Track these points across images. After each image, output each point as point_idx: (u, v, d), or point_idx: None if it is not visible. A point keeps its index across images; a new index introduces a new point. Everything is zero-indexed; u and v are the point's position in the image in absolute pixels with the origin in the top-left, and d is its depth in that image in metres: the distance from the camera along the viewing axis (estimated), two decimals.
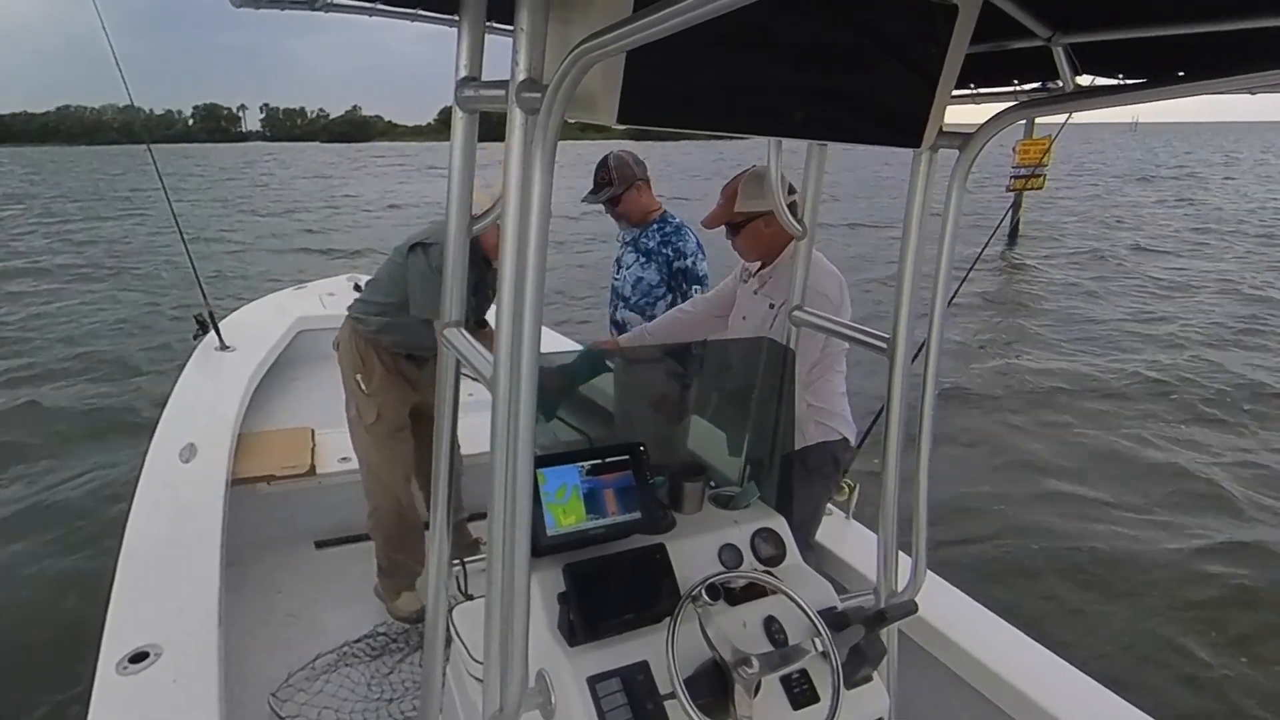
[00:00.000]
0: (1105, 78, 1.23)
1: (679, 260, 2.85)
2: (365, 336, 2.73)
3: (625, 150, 3.01)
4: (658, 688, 1.28)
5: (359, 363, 2.72)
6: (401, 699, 2.41)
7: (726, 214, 2.31)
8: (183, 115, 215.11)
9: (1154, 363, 8.22)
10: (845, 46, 1.10)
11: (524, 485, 1.00)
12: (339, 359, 2.80)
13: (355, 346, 2.73)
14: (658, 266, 2.88)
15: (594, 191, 2.99)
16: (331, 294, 5.14)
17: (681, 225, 2.94)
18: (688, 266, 2.85)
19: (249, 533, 2.97)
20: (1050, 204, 22.56)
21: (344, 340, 2.79)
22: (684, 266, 2.85)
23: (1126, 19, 1.07)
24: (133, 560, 2.19)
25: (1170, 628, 3.94)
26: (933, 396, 1.51)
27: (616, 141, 14.43)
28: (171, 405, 3.33)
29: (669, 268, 2.87)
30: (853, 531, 2.56)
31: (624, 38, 0.75)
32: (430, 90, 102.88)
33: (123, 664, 1.77)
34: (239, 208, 25.91)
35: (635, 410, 2.55)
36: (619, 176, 2.93)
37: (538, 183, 0.91)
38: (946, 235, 1.39)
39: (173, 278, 12.31)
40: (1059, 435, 6.35)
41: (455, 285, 1.31)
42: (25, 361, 8.20)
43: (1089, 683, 1.90)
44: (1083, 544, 4.70)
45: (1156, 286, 12.45)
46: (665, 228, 2.92)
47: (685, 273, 2.85)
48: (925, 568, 1.60)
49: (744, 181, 2.27)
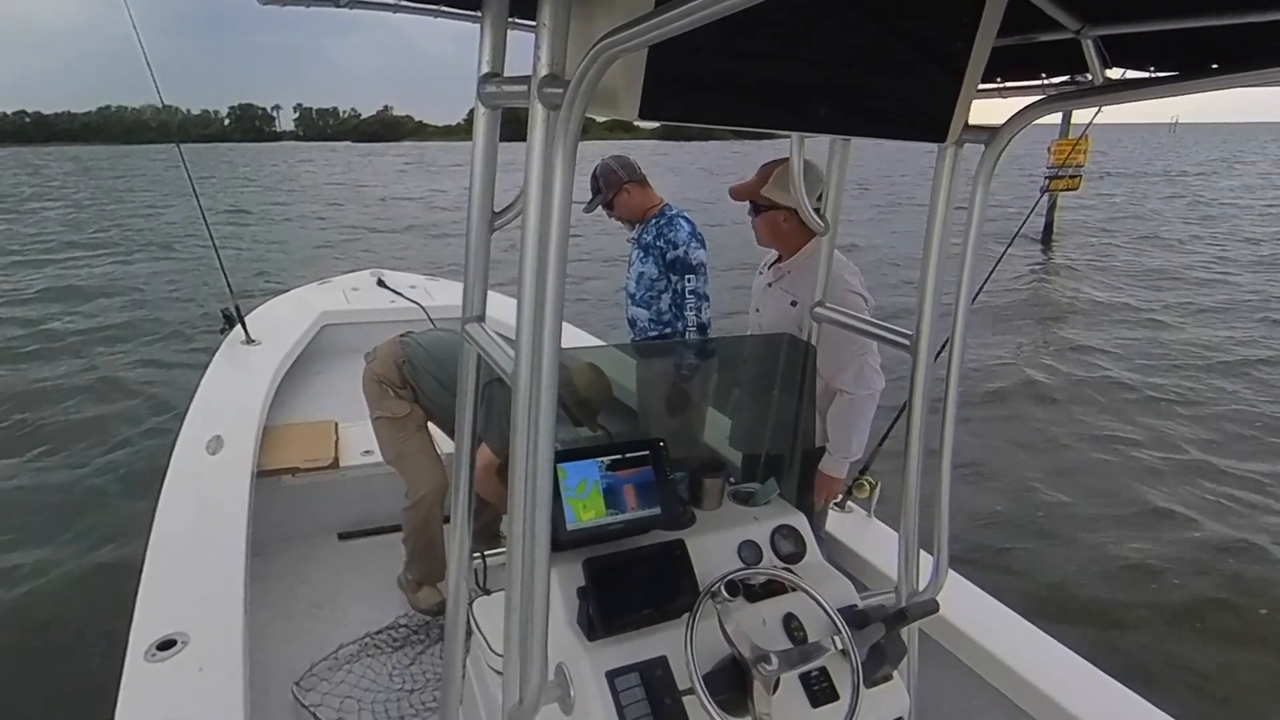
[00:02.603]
0: (1136, 70, 1.21)
1: (671, 250, 2.87)
2: (409, 379, 2.72)
3: (612, 157, 3.05)
4: (676, 683, 1.29)
5: (394, 382, 2.73)
6: (422, 690, 2.44)
7: (752, 191, 2.30)
8: (219, 115, 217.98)
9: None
10: (868, 40, 1.09)
11: (544, 479, 1.00)
12: (371, 370, 2.78)
13: (395, 371, 2.73)
14: (654, 259, 2.91)
15: (590, 201, 3.05)
16: (355, 289, 5.20)
17: (675, 216, 2.95)
18: (680, 255, 2.86)
19: (273, 524, 3.01)
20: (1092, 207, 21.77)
21: (384, 359, 2.77)
22: (676, 256, 2.86)
23: (1159, 10, 1.05)
24: (161, 550, 2.23)
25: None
26: (956, 394, 1.50)
27: (642, 141, 14.30)
28: (199, 398, 3.38)
29: (664, 259, 2.89)
30: (873, 529, 2.55)
31: (646, 33, 0.75)
32: (459, 91, 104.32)
33: (150, 651, 1.80)
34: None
35: (656, 406, 2.55)
36: (605, 184, 3.00)
37: (559, 178, 0.91)
38: (971, 232, 1.38)
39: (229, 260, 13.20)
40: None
41: (476, 280, 1.32)
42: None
43: (1112, 683, 1.87)
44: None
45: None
46: (660, 220, 2.94)
47: (678, 262, 2.86)
48: (947, 566, 1.58)
49: (779, 170, 2.23)
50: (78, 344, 8.70)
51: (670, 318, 2.92)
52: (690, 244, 2.86)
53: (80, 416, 6.38)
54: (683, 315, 2.88)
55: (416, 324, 4.25)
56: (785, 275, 2.33)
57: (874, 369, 2.26)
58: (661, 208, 2.99)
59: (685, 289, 2.86)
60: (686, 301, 2.86)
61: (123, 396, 6.94)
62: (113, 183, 36.11)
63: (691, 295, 2.85)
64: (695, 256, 2.86)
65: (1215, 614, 4.04)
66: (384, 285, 5.20)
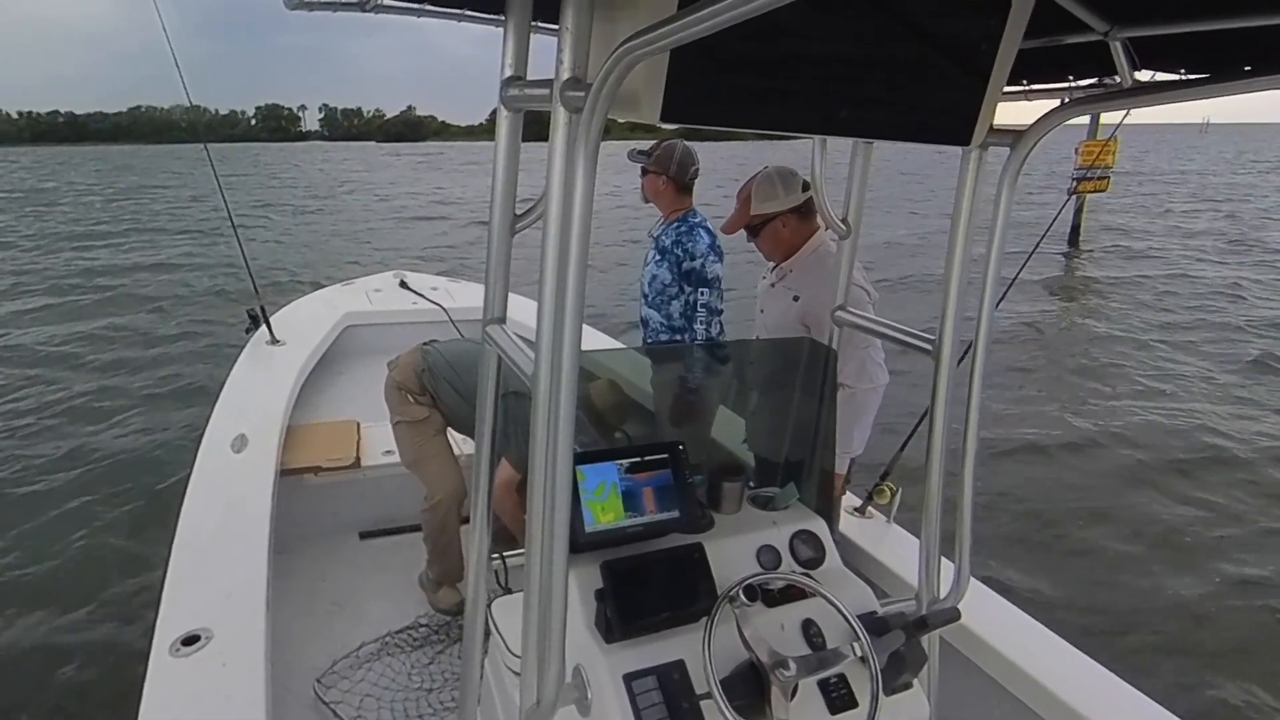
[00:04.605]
0: (1165, 73, 1.19)
1: (687, 261, 2.78)
2: (428, 387, 2.75)
3: (689, 147, 2.93)
4: (694, 687, 1.28)
5: (414, 390, 2.76)
6: (441, 689, 2.45)
7: (744, 219, 2.33)
8: (245, 115, 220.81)
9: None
10: (892, 42, 1.08)
11: (563, 481, 1.00)
12: (391, 377, 2.82)
13: (414, 379, 2.76)
14: (669, 265, 2.83)
15: (641, 153, 2.96)
16: (378, 290, 5.26)
17: (696, 225, 2.86)
18: (695, 268, 2.77)
19: (296, 522, 3.05)
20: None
21: (404, 367, 2.80)
22: (692, 268, 2.77)
23: (1189, 11, 1.03)
24: (186, 546, 2.27)
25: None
26: (979, 400, 1.48)
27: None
28: (224, 397, 3.43)
29: (679, 268, 2.81)
30: (893, 535, 2.52)
31: (668, 36, 0.75)
32: (482, 91, 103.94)
33: (175, 646, 1.83)
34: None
35: (675, 409, 2.55)
36: (655, 159, 2.90)
37: (580, 181, 0.91)
38: (995, 236, 1.36)
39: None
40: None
41: (497, 282, 1.32)
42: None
43: (1137, 695, 1.84)
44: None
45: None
46: (681, 227, 2.86)
47: (693, 274, 2.78)
48: (969, 574, 1.56)
49: (757, 185, 2.29)
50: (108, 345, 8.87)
51: (681, 324, 2.87)
52: (708, 257, 2.78)
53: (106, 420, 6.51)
54: (692, 327, 2.81)
55: (438, 325, 4.30)
56: (788, 274, 2.34)
57: (876, 363, 2.25)
58: (685, 213, 2.91)
59: (698, 302, 2.78)
60: (697, 315, 2.78)
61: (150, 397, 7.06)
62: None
63: (703, 309, 2.77)
64: (711, 270, 2.78)
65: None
66: (406, 287, 5.25)
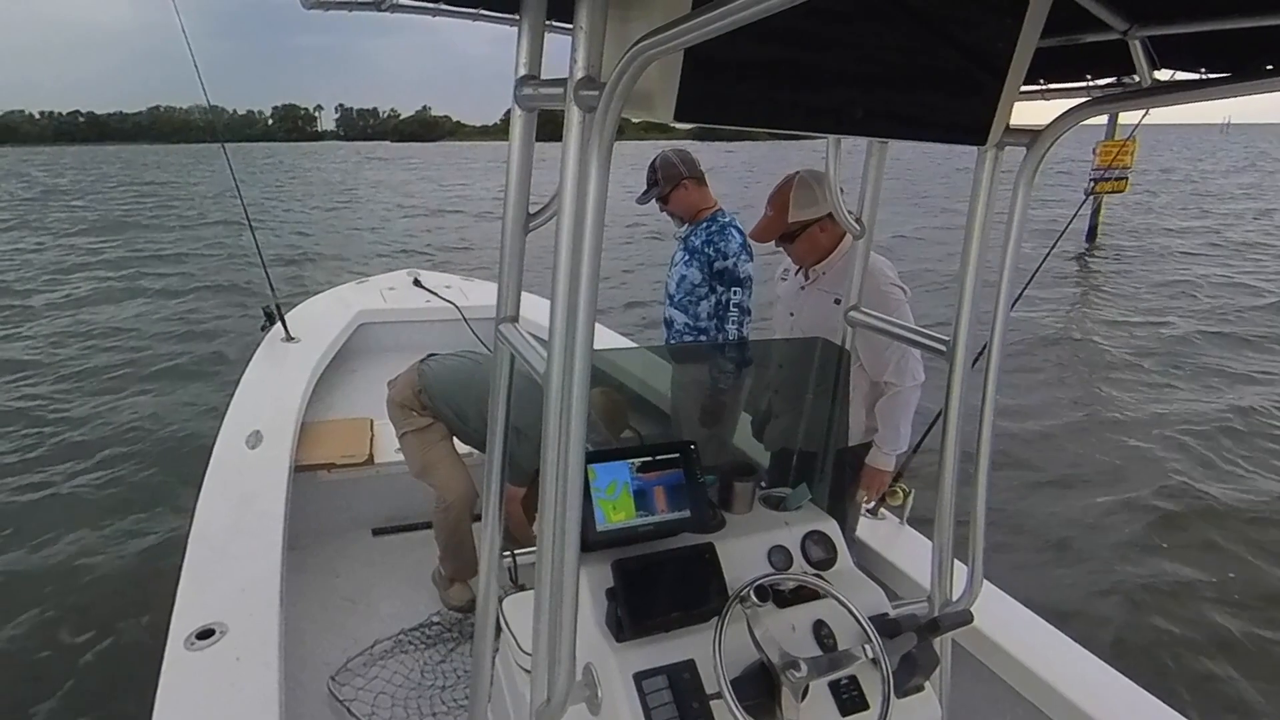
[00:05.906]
0: (1186, 72, 1.17)
1: (720, 260, 2.78)
2: (427, 405, 2.75)
3: (673, 150, 2.98)
4: (704, 687, 1.28)
5: (414, 406, 2.76)
6: (454, 687, 2.46)
7: (781, 225, 2.26)
8: (263, 115, 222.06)
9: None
10: (908, 41, 1.07)
11: (575, 480, 1.00)
12: (391, 397, 2.82)
13: (413, 398, 2.75)
14: (700, 265, 2.83)
15: (645, 192, 2.99)
16: (391, 288, 5.29)
17: (728, 225, 2.86)
18: (728, 267, 2.77)
19: (310, 518, 3.07)
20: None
21: (402, 387, 2.80)
22: (725, 267, 2.78)
23: (1209, 9, 1.02)
24: (201, 541, 2.29)
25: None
26: (993, 401, 1.47)
27: (676, 141, 14.39)
28: (240, 393, 3.47)
29: (710, 267, 2.81)
30: (906, 537, 2.51)
31: (682, 35, 0.75)
32: (496, 91, 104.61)
33: (190, 640, 1.85)
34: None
35: (687, 408, 2.54)
36: (664, 176, 2.91)
37: (594, 180, 0.91)
38: (1011, 236, 1.35)
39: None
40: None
41: (511, 280, 1.33)
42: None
43: (1151, 700, 1.82)
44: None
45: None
46: (711, 226, 2.86)
47: (725, 273, 2.78)
48: (982, 576, 1.55)
49: (795, 189, 2.22)
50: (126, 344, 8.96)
51: (707, 325, 2.86)
52: (740, 256, 2.78)
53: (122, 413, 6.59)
54: (723, 327, 2.80)
55: (451, 324, 4.31)
56: (823, 275, 2.31)
57: (915, 358, 2.23)
58: (714, 213, 2.91)
59: (730, 301, 2.78)
60: (729, 315, 2.78)
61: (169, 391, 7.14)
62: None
63: (735, 309, 2.78)
64: (744, 270, 2.78)
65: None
66: (420, 285, 5.28)
